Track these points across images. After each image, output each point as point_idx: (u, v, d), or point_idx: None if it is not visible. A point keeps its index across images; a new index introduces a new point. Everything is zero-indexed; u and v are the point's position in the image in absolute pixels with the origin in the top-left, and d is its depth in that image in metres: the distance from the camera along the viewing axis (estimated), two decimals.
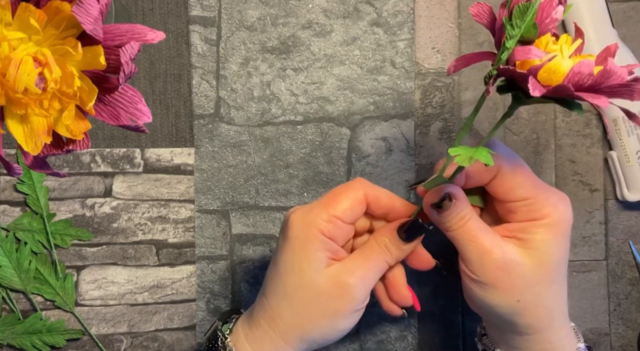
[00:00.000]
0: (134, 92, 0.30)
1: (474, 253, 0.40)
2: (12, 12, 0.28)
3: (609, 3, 0.55)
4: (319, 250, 0.41)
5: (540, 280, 0.40)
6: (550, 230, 0.40)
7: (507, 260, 0.40)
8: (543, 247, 0.40)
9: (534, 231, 0.40)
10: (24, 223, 0.52)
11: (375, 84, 0.55)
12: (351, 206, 0.42)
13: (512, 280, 0.40)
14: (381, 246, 0.43)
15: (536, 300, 0.41)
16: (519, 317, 0.41)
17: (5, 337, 0.52)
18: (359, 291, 0.41)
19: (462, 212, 0.41)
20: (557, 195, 0.41)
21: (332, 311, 0.41)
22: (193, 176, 0.54)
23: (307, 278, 0.41)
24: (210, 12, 0.54)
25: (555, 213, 0.40)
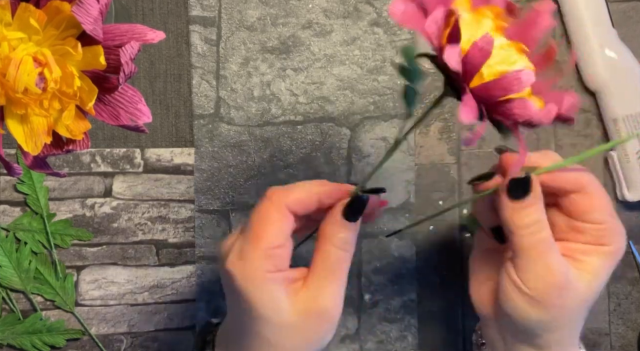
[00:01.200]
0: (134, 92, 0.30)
1: (538, 268, 0.37)
2: (12, 12, 0.28)
3: (609, 3, 0.55)
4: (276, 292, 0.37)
5: (584, 304, 0.39)
6: (609, 258, 0.39)
7: (566, 280, 0.38)
8: (597, 273, 0.38)
9: (594, 256, 0.38)
10: (24, 223, 0.52)
11: (375, 84, 0.55)
12: (280, 228, 0.37)
13: (564, 302, 0.38)
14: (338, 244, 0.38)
15: (571, 321, 0.39)
16: (549, 333, 0.39)
17: (5, 337, 0.52)
18: (337, 308, 0.38)
19: (543, 216, 0.37)
20: (621, 227, 0.40)
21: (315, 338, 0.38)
22: (193, 176, 0.54)
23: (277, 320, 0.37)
24: (210, 12, 0.54)
25: (619, 243, 0.39)
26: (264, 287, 0.36)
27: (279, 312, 0.37)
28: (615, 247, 0.39)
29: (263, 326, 0.37)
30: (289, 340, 0.37)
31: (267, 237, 0.36)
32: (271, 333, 0.37)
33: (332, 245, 0.38)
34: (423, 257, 0.55)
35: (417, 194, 0.55)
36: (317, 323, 0.38)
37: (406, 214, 0.55)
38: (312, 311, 0.37)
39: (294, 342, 0.38)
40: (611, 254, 0.39)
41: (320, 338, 0.38)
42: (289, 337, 0.37)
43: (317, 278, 0.38)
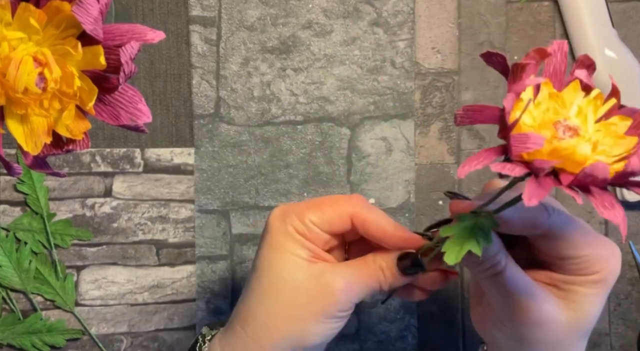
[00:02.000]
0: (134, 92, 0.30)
1: (508, 305, 0.36)
2: (12, 12, 0.28)
3: (609, 3, 0.55)
4: (298, 247, 0.38)
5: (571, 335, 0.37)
6: (597, 285, 0.36)
7: (544, 316, 0.36)
8: (585, 302, 0.36)
9: (579, 284, 0.36)
10: (24, 223, 0.52)
11: (375, 84, 0.55)
12: (331, 218, 0.38)
13: (543, 336, 0.36)
14: (376, 266, 0.39)
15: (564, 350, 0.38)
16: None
17: (5, 337, 0.52)
18: (343, 297, 0.37)
19: (496, 258, 0.36)
20: (608, 248, 0.37)
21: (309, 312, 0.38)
22: (193, 176, 0.54)
23: (286, 274, 0.38)
24: (210, 12, 0.54)
25: (605, 269, 0.36)
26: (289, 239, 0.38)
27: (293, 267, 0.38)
28: (602, 275, 0.36)
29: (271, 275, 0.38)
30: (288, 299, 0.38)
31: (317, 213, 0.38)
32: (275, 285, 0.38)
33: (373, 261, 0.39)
34: None
35: (417, 194, 0.55)
36: (321, 295, 0.38)
37: (406, 214, 0.55)
38: (322, 281, 0.38)
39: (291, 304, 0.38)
40: (598, 282, 0.36)
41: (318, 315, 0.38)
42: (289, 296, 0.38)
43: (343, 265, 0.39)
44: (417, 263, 0.38)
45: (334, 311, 0.38)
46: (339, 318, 0.38)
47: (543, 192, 0.26)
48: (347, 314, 0.39)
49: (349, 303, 0.38)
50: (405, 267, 0.38)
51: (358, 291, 0.38)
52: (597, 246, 0.36)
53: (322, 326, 0.38)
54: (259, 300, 0.39)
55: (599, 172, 0.26)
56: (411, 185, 0.55)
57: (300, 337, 0.38)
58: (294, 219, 0.39)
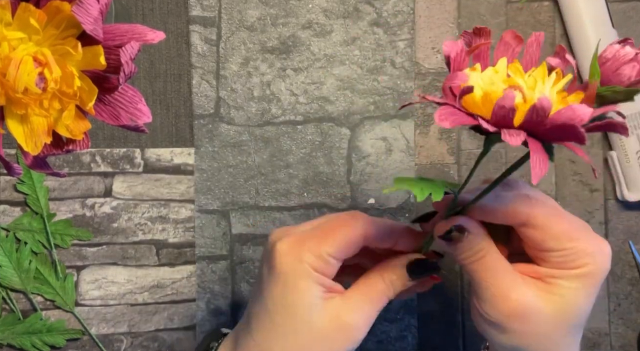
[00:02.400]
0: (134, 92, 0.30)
1: (488, 293, 0.36)
2: (12, 12, 0.28)
3: (609, 3, 0.55)
4: (312, 287, 0.37)
5: (557, 329, 0.37)
6: (582, 280, 0.36)
7: (525, 306, 0.36)
8: (569, 295, 0.36)
9: (563, 278, 0.36)
10: (24, 223, 0.52)
11: (375, 84, 0.55)
12: (347, 245, 0.37)
13: (526, 327, 0.36)
14: (387, 283, 0.39)
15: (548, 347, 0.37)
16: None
17: (5, 337, 0.52)
18: (361, 333, 0.38)
19: (478, 246, 0.37)
20: (596, 244, 0.36)
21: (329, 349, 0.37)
22: (193, 176, 0.54)
23: (302, 317, 0.37)
24: (210, 12, 0.54)
25: (591, 264, 0.36)
26: (304, 280, 0.36)
27: (309, 308, 0.37)
28: (588, 269, 0.36)
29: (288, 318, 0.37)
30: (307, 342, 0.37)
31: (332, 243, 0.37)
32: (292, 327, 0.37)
33: (382, 279, 0.38)
34: None
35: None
36: (339, 336, 0.37)
37: (406, 214, 0.55)
38: (339, 321, 0.37)
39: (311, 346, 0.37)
40: (584, 276, 0.36)
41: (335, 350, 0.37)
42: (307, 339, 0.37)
43: (356, 296, 0.38)
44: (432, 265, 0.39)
45: (355, 344, 0.38)
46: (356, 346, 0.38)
47: (457, 117, 0.29)
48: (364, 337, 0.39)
49: (366, 330, 0.38)
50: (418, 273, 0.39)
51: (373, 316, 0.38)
52: (582, 240, 0.36)
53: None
54: (275, 342, 0.38)
55: (507, 102, 0.28)
56: None
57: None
58: (309, 256, 0.37)
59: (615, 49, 0.31)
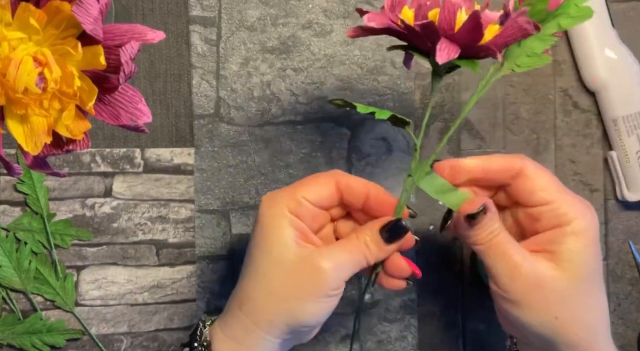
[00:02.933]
0: (134, 92, 0.30)
1: (504, 269, 0.38)
2: (12, 12, 0.28)
3: (609, 3, 0.55)
4: (286, 227, 0.40)
5: (577, 293, 0.38)
6: (579, 238, 0.38)
7: (539, 274, 0.38)
8: (575, 258, 0.38)
9: (562, 241, 0.38)
10: (24, 223, 0.52)
11: (375, 84, 0.55)
12: (319, 189, 0.41)
13: (547, 296, 0.38)
14: (361, 242, 0.41)
15: (575, 316, 0.38)
16: (558, 336, 0.38)
17: (5, 337, 0.52)
18: (332, 276, 0.39)
19: (494, 226, 0.39)
20: (582, 202, 0.40)
21: (301, 292, 0.39)
22: (193, 176, 0.54)
23: (277, 255, 0.39)
24: (210, 12, 0.54)
25: (581, 218, 0.38)
26: (279, 220, 0.40)
27: (282, 248, 0.39)
28: (579, 224, 0.38)
29: (263, 258, 0.40)
30: (281, 279, 0.39)
31: (304, 188, 0.41)
32: (268, 267, 0.40)
33: (357, 238, 0.41)
34: (423, 257, 0.55)
35: (417, 194, 0.55)
36: (310, 279, 0.39)
37: None
38: (310, 264, 0.39)
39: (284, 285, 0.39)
40: (579, 233, 0.38)
41: (308, 295, 0.39)
42: (281, 277, 0.39)
43: (328, 247, 0.41)
44: (400, 226, 0.41)
45: (325, 291, 0.39)
46: (331, 297, 0.40)
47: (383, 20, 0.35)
48: (339, 292, 0.40)
49: (338, 281, 0.40)
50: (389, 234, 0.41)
51: (346, 269, 0.40)
52: (569, 196, 0.39)
53: (314, 305, 0.40)
54: (253, 280, 0.40)
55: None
56: None
57: (294, 315, 0.40)
58: (285, 197, 0.40)
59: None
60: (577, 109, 0.56)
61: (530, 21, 0.34)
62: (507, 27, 0.34)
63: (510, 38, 0.35)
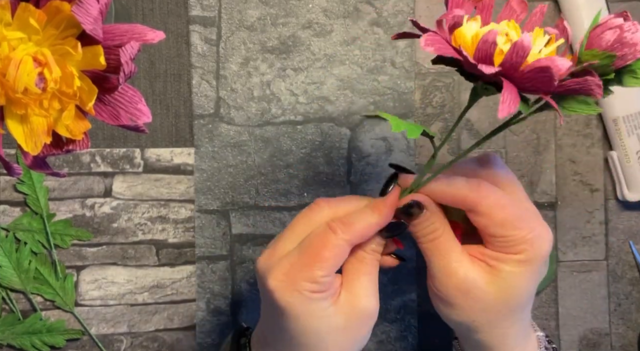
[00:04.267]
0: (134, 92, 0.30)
1: (439, 270, 0.40)
2: (12, 12, 0.28)
3: (609, 3, 0.55)
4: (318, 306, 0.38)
5: (500, 308, 0.40)
6: (522, 265, 0.39)
7: (469, 283, 0.39)
8: (510, 279, 0.39)
9: (505, 263, 0.39)
10: (24, 223, 0.52)
11: (375, 84, 0.55)
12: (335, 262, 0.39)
13: (470, 303, 0.39)
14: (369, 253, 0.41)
15: (492, 323, 0.40)
16: (473, 334, 0.41)
17: (5, 337, 0.52)
18: (375, 306, 0.40)
19: (433, 225, 0.40)
20: (536, 230, 0.39)
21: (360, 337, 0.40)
22: (193, 176, 0.54)
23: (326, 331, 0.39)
24: (210, 12, 0.54)
25: (530, 250, 0.39)
26: (310, 304, 0.38)
27: (327, 320, 0.39)
28: (527, 255, 0.38)
29: (310, 336, 0.39)
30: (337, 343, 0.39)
31: (322, 268, 0.38)
32: (319, 340, 0.39)
33: (364, 251, 0.41)
34: (423, 257, 0.55)
35: None
36: (361, 322, 0.40)
37: None
38: (355, 311, 0.39)
39: (342, 344, 0.40)
40: (524, 262, 0.39)
41: (364, 336, 0.41)
42: (337, 340, 0.39)
43: (353, 279, 0.40)
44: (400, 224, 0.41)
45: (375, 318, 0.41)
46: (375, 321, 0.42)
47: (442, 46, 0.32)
48: None
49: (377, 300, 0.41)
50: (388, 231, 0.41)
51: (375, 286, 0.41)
52: (524, 229, 0.38)
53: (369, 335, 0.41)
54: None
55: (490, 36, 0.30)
56: None
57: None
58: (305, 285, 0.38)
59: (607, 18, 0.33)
60: None
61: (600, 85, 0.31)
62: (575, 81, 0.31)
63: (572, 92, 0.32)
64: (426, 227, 0.40)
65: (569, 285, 0.57)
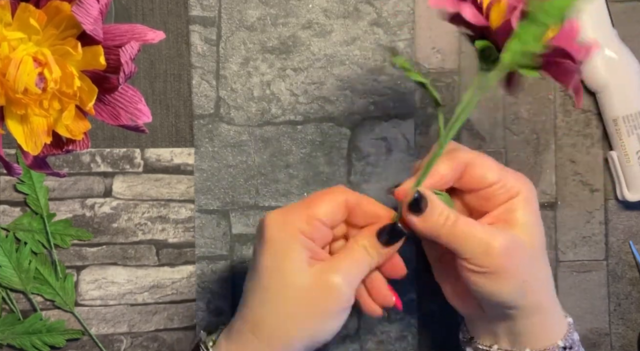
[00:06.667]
0: (134, 92, 0.30)
1: (476, 246, 0.40)
2: (12, 12, 0.28)
3: (609, 3, 0.55)
4: (300, 250, 0.40)
5: (538, 254, 0.42)
6: (529, 204, 0.42)
7: (510, 242, 0.40)
8: (529, 221, 0.41)
9: (516, 208, 0.41)
10: (24, 223, 0.52)
11: (375, 84, 0.55)
12: (332, 209, 0.41)
13: (518, 261, 0.40)
14: (361, 247, 0.41)
15: (538, 276, 0.42)
16: (526, 298, 0.41)
17: (5, 337, 0.52)
18: (345, 289, 0.40)
19: (445, 212, 0.40)
20: (521, 175, 0.43)
21: (318, 311, 0.40)
22: (193, 176, 0.54)
23: (290, 279, 0.39)
24: (210, 12, 0.54)
25: (526, 188, 0.42)
26: (292, 244, 0.39)
27: (296, 273, 0.39)
28: (526, 192, 0.42)
29: (276, 279, 0.40)
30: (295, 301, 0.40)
31: (317, 208, 0.40)
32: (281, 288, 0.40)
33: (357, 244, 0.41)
34: (423, 257, 0.55)
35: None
36: (324, 296, 0.40)
37: None
38: (323, 282, 0.39)
39: (300, 306, 0.40)
40: (527, 200, 0.42)
41: (325, 313, 0.40)
42: (297, 298, 0.40)
43: (335, 259, 0.41)
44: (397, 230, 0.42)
45: (342, 305, 0.40)
46: (346, 309, 0.41)
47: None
48: (350, 305, 0.41)
49: (351, 292, 0.40)
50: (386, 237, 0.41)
51: (355, 278, 0.41)
52: (508, 171, 0.43)
53: (332, 321, 0.40)
54: (267, 305, 0.40)
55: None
56: None
57: (313, 335, 0.40)
58: (296, 219, 0.40)
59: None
60: (577, 109, 0.56)
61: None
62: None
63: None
64: (439, 216, 0.40)
65: (568, 285, 0.57)
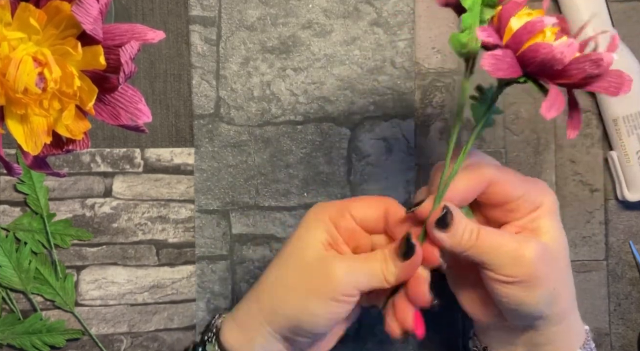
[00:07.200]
0: (134, 92, 0.30)
1: (506, 257, 0.39)
2: (12, 12, 0.28)
3: (609, 3, 0.55)
4: (319, 230, 0.41)
5: (565, 262, 0.42)
6: (551, 214, 0.42)
7: (542, 250, 0.40)
8: (553, 231, 0.41)
9: (540, 218, 0.41)
10: (24, 223, 0.52)
11: (375, 84, 0.55)
12: (367, 210, 0.43)
13: (550, 269, 0.40)
14: (382, 253, 0.41)
15: (566, 284, 0.42)
16: (553, 306, 0.41)
17: (5, 337, 0.52)
18: (342, 279, 0.40)
19: (469, 226, 0.40)
20: (540, 183, 0.43)
21: (310, 289, 0.40)
22: (193, 176, 0.54)
23: (299, 252, 0.41)
24: (210, 12, 0.54)
25: (548, 198, 0.42)
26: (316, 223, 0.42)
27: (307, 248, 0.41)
28: (548, 203, 0.42)
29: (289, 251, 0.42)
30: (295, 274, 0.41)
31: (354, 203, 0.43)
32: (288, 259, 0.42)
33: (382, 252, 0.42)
34: None
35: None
36: (321, 279, 0.40)
37: None
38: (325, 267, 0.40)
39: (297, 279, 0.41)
40: (550, 209, 0.42)
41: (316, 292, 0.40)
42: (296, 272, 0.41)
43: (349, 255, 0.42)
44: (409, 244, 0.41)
45: (332, 293, 0.40)
46: (338, 302, 0.40)
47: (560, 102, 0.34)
48: (348, 300, 0.40)
49: (349, 287, 0.40)
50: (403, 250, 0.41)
51: (359, 276, 0.41)
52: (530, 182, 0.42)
53: (318, 304, 0.40)
54: (272, 271, 0.43)
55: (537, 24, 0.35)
56: (411, 185, 0.55)
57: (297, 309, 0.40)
58: (331, 207, 0.42)
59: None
60: None
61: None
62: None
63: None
64: (463, 230, 0.40)
65: None
